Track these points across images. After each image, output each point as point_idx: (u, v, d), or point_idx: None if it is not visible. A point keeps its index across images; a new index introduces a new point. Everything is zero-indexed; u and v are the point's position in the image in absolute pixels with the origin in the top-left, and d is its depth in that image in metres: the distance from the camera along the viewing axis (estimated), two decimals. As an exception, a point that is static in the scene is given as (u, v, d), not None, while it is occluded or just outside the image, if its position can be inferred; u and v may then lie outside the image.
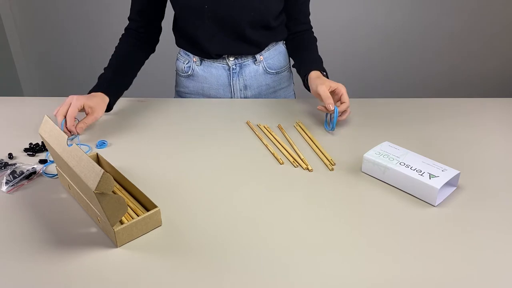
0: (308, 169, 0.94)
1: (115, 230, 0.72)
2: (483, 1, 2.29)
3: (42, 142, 1.03)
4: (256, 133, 1.08)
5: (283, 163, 0.96)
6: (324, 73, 1.16)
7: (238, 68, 1.26)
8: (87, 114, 1.06)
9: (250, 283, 0.66)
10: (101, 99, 1.08)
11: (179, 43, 1.29)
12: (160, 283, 0.67)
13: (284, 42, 1.33)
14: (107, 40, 2.53)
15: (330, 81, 1.09)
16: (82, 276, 0.68)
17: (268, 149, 1.01)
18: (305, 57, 1.23)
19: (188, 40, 1.23)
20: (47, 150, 1.02)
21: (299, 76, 1.23)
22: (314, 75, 1.13)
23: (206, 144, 1.04)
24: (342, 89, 1.07)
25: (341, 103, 1.06)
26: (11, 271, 0.69)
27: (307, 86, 1.17)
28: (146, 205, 0.81)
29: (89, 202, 0.77)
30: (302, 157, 0.97)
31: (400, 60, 2.47)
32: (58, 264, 0.70)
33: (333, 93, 1.08)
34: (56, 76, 2.69)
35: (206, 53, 1.23)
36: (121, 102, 1.23)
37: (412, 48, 2.43)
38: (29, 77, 2.67)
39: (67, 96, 1.06)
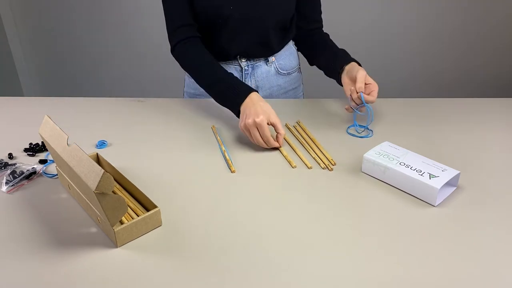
0: (307, 166, 0.94)
1: (115, 230, 0.72)
2: (484, 1, 2.29)
3: (42, 142, 1.03)
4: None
5: (286, 164, 0.96)
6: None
7: (250, 69, 1.25)
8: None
9: (250, 283, 0.66)
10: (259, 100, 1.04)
11: None
12: (160, 283, 0.67)
13: (294, 42, 1.32)
14: (107, 40, 2.53)
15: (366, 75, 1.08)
16: (82, 276, 0.68)
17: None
18: (337, 52, 1.20)
19: (205, 41, 1.20)
20: (47, 150, 1.02)
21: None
22: (352, 66, 1.12)
23: (205, 144, 1.04)
24: (374, 87, 1.05)
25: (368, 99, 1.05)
26: (11, 271, 0.69)
27: (335, 75, 1.15)
28: (146, 205, 0.81)
29: (89, 202, 0.77)
30: (302, 157, 0.97)
31: (400, 60, 2.47)
32: (58, 264, 0.70)
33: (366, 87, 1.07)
34: (56, 76, 2.69)
35: (222, 54, 1.22)
36: (121, 102, 1.23)
37: (412, 48, 2.43)
38: (29, 77, 2.67)
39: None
